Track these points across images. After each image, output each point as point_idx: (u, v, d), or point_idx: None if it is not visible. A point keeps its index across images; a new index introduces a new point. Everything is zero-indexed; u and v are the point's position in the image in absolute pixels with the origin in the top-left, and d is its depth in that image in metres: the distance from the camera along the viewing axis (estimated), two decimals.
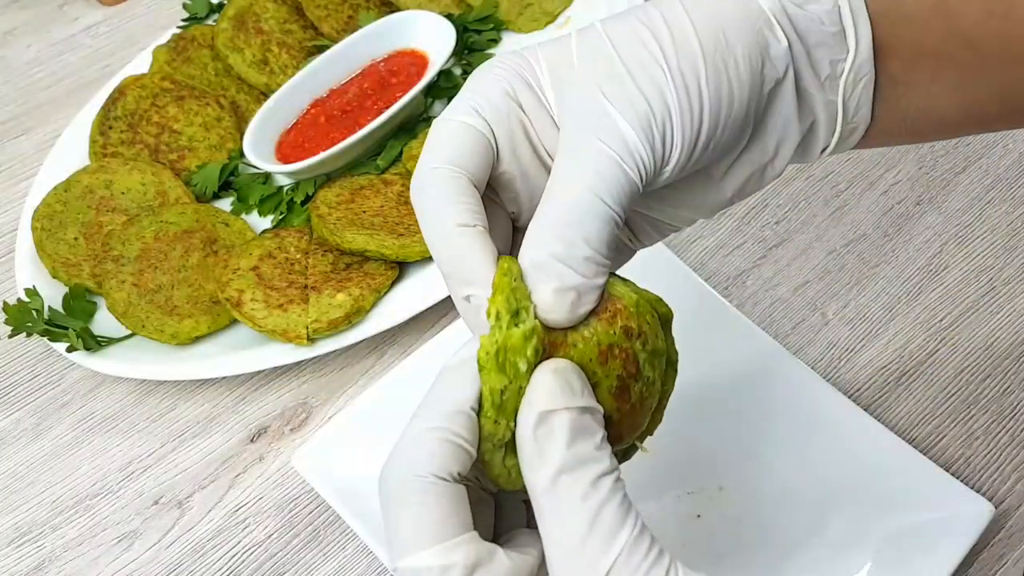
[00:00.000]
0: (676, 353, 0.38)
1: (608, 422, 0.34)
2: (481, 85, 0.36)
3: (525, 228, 0.34)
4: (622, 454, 0.38)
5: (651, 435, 0.39)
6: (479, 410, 0.34)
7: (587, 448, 0.32)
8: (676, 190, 0.40)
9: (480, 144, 0.35)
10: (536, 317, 0.33)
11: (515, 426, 0.33)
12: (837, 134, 0.39)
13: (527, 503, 0.38)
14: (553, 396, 0.32)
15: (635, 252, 0.44)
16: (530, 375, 0.33)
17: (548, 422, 0.32)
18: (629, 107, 0.34)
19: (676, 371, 0.38)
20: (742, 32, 0.35)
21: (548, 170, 0.37)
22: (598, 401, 0.34)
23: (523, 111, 0.36)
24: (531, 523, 0.38)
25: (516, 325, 0.32)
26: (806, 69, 0.37)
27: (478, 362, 0.33)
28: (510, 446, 0.34)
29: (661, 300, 0.37)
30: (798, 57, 0.37)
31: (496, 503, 0.38)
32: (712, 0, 0.36)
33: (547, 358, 0.33)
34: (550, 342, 0.33)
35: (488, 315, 0.33)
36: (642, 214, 0.42)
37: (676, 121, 0.34)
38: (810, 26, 0.36)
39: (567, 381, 0.32)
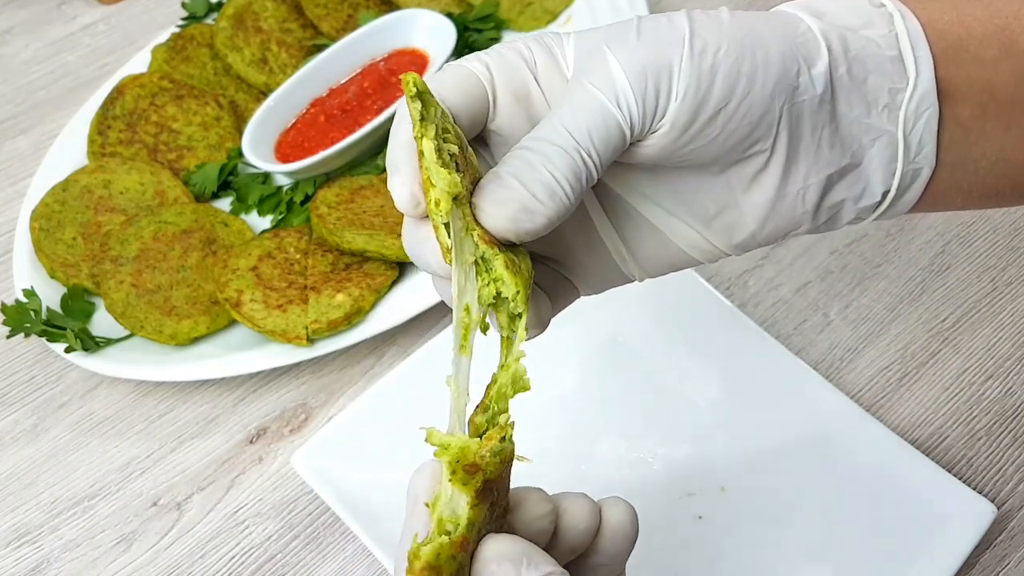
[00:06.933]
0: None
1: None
2: (502, 45, 0.37)
3: None
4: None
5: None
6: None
7: None
8: (687, 183, 0.38)
9: (471, 85, 0.35)
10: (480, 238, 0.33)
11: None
12: (899, 172, 0.37)
13: None
14: None
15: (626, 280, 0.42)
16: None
17: None
18: (627, 54, 0.33)
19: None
20: (779, 36, 0.34)
21: None
22: None
23: (533, 69, 0.36)
24: None
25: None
26: (857, 96, 0.36)
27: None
28: None
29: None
30: (849, 82, 0.35)
31: None
32: (759, 14, 0.35)
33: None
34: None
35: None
36: (648, 224, 0.40)
37: (677, 74, 0.33)
38: (866, 48, 0.35)
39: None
